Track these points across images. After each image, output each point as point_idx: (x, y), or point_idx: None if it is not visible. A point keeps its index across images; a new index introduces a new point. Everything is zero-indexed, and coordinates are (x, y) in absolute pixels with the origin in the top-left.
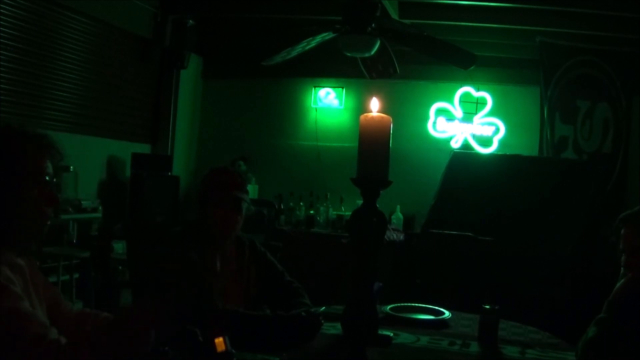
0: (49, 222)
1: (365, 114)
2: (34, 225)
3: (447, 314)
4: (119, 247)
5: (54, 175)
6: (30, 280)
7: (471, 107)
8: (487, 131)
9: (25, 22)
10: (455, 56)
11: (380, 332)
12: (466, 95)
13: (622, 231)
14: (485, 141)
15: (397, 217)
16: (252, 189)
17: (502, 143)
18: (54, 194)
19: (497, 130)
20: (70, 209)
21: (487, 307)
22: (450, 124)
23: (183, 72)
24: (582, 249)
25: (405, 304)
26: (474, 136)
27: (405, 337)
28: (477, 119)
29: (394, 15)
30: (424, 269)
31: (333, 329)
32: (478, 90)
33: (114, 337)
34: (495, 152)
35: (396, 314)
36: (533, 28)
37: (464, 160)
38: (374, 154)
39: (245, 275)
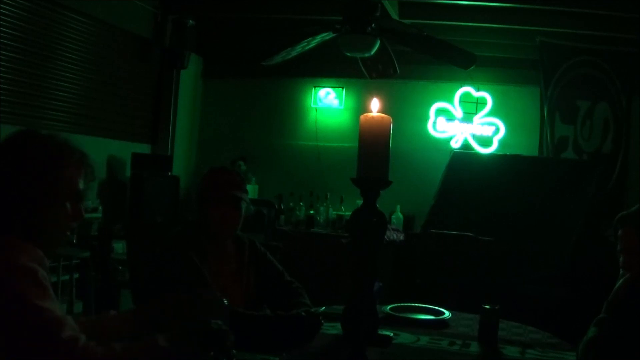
0: (69, 233)
1: (365, 114)
2: (59, 236)
3: (447, 314)
4: (119, 247)
5: (84, 192)
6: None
7: (471, 107)
8: (487, 131)
9: (25, 22)
10: (455, 56)
11: (380, 332)
12: (466, 95)
13: (620, 232)
14: (485, 141)
15: (397, 217)
16: (252, 189)
17: (502, 143)
18: (82, 212)
19: (497, 130)
20: None
21: (487, 307)
22: (450, 124)
23: (183, 72)
24: (582, 249)
25: (405, 304)
26: (474, 136)
27: (405, 337)
28: (477, 119)
29: (394, 15)
30: (424, 269)
31: (333, 329)
32: (478, 90)
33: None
34: (495, 152)
35: (396, 314)
36: (533, 28)
37: (464, 160)
38: (374, 154)
39: (245, 275)
